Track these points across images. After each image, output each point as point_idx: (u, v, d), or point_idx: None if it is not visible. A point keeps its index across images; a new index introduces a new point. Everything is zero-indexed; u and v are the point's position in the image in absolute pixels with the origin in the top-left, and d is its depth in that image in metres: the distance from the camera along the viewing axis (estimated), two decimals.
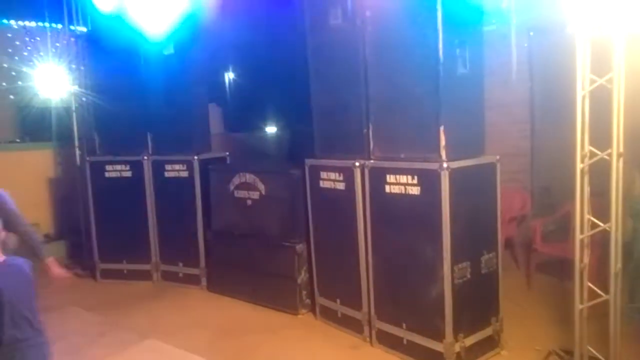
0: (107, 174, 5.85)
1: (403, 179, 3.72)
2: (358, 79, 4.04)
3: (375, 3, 3.88)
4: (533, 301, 4.70)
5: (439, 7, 3.47)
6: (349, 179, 4.13)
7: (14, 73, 7.42)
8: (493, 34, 5.26)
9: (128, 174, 5.82)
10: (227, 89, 7.41)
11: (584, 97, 3.16)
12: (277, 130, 6.89)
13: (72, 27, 6.43)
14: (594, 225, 3.24)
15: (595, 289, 3.26)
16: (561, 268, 4.52)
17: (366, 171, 3.98)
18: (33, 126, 7.20)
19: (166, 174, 5.71)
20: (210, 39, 5.89)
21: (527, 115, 5.94)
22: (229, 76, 7.35)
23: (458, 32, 3.60)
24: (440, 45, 3.50)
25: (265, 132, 6.98)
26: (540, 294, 4.83)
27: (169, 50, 5.59)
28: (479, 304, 3.74)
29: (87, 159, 5.99)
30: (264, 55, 6.34)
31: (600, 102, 3.25)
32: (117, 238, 5.85)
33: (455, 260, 3.50)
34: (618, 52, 3.08)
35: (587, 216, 3.24)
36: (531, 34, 5.83)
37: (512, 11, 5.56)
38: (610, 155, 3.11)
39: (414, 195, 3.63)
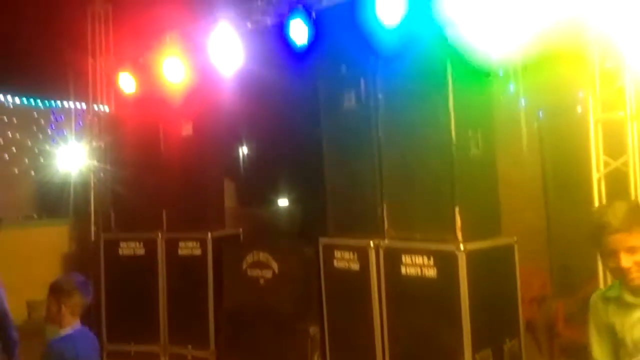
0: (120, 252, 5.84)
1: (419, 259, 3.65)
2: (372, 159, 4.11)
3: (388, 86, 4.02)
4: None
5: (450, 90, 3.58)
6: (364, 259, 4.07)
7: (36, 150, 7.67)
8: (503, 114, 5.36)
9: (141, 251, 5.80)
10: (241, 163, 7.53)
11: (599, 180, 3.16)
12: (290, 204, 6.91)
13: (95, 106, 6.70)
14: None
15: None
16: (588, 354, 4.28)
17: (381, 251, 3.93)
18: (51, 202, 7.33)
19: (179, 252, 5.68)
20: (226, 114, 6.07)
21: (540, 193, 5.92)
22: (243, 150, 7.49)
23: (469, 113, 3.68)
24: (453, 127, 3.57)
25: (279, 206, 7.00)
26: None
27: (188, 131, 5.76)
28: None
29: (102, 235, 6.01)
30: (277, 130, 6.49)
31: (618, 181, 3.24)
32: (126, 318, 5.71)
33: (476, 348, 3.35)
34: (631, 135, 3.10)
35: None
36: (540, 113, 5.94)
37: (520, 92, 5.71)
38: None
39: (431, 277, 3.55)
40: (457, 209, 3.52)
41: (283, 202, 6.93)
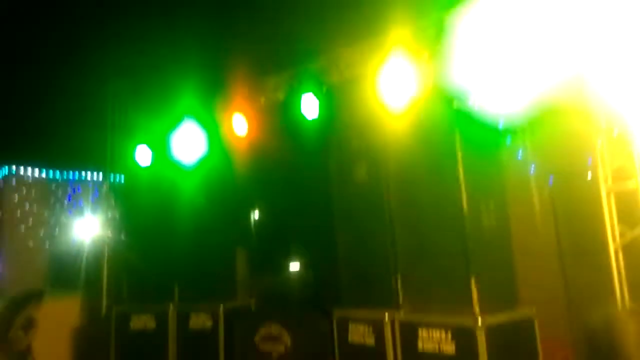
0: (131, 325, 5.75)
1: (436, 334, 3.56)
2: (384, 230, 4.10)
3: (398, 160, 4.08)
4: None
5: (460, 162, 3.63)
6: (379, 333, 3.97)
7: (52, 222, 7.78)
8: (513, 181, 5.37)
9: (152, 325, 5.71)
10: (253, 230, 7.53)
11: (616, 251, 3.12)
12: (303, 271, 6.84)
13: (111, 177, 6.84)
14: None
15: None
16: None
17: (396, 325, 3.84)
18: (63, 274, 7.32)
19: (190, 325, 5.59)
20: (239, 184, 6.15)
21: (555, 260, 5.80)
22: (254, 217, 7.51)
23: (480, 184, 3.71)
24: (464, 198, 3.59)
25: (291, 273, 6.93)
26: None
27: (201, 200, 5.84)
28: None
29: (114, 308, 5.95)
30: (289, 197, 6.54)
31: (636, 251, 3.20)
32: None
33: None
34: None
35: None
36: (551, 179, 5.93)
37: (529, 158, 5.74)
38: None
39: (450, 354, 3.44)
40: (472, 281, 3.47)
41: (295, 266, 6.87)
